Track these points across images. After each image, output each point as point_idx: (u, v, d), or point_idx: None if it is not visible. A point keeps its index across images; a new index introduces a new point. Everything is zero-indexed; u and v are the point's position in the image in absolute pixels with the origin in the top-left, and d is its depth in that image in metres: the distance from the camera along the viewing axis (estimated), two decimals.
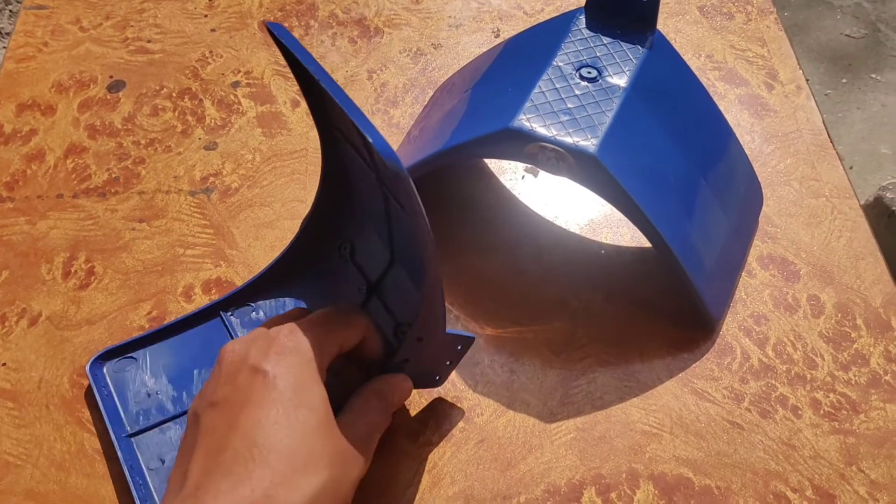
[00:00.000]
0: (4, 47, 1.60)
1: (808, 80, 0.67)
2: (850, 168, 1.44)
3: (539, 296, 0.54)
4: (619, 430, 0.48)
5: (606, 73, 0.48)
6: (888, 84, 1.53)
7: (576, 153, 0.45)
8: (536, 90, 0.47)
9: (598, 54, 0.49)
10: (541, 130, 0.45)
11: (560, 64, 0.49)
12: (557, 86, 0.48)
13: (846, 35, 1.57)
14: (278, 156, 0.61)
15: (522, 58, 0.52)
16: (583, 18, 0.51)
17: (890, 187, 1.11)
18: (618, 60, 0.49)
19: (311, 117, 0.61)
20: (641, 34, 0.50)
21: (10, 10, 1.62)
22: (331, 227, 0.49)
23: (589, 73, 0.48)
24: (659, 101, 0.49)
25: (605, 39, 0.50)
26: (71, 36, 0.68)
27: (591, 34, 0.50)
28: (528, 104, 0.47)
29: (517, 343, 0.51)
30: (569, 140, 0.45)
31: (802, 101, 0.64)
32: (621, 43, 0.50)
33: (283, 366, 0.39)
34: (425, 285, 0.40)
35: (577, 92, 0.47)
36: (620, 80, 0.48)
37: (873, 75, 1.54)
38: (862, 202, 0.59)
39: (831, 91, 1.48)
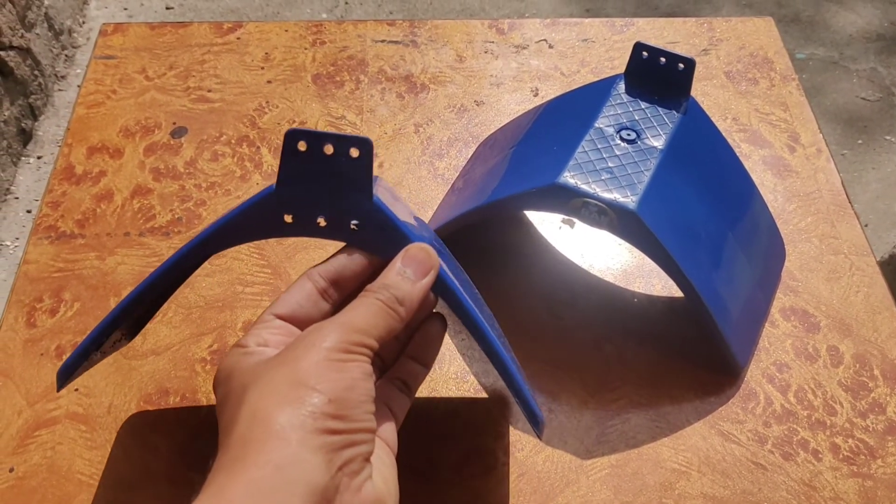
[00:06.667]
0: (61, 90, 1.67)
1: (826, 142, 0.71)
2: (866, 226, 1.48)
3: (575, 340, 0.57)
4: (650, 467, 0.52)
5: (645, 136, 0.53)
6: None
7: (617, 209, 0.49)
8: (580, 150, 0.51)
9: (636, 118, 0.53)
10: (584, 187, 0.49)
11: (602, 126, 0.53)
12: (599, 146, 0.52)
13: (862, 98, 1.62)
14: None
15: (565, 119, 0.56)
16: (622, 84, 0.56)
17: None
18: (655, 124, 0.53)
19: None
20: (677, 100, 0.55)
21: (66, 56, 1.69)
22: None
23: (629, 135, 0.52)
24: (692, 162, 0.53)
25: (644, 104, 0.54)
26: (137, 84, 0.73)
27: (631, 99, 0.55)
28: (572, 162, 0.51)
29: (555, 383, 0.55)
30: (610, 197, 0.49)
31: (822, 164, 0.68)
32: (658, 108, 0.54)
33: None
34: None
35: (617, 152, 0.52)
36: (657, 142, 0.52)
37: (888, 137, 1.58)
38: (877, 259, 0.63)
39: (847, 151, 1.52)
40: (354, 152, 0.39)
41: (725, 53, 0.77)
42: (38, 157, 1.58)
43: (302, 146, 0.39)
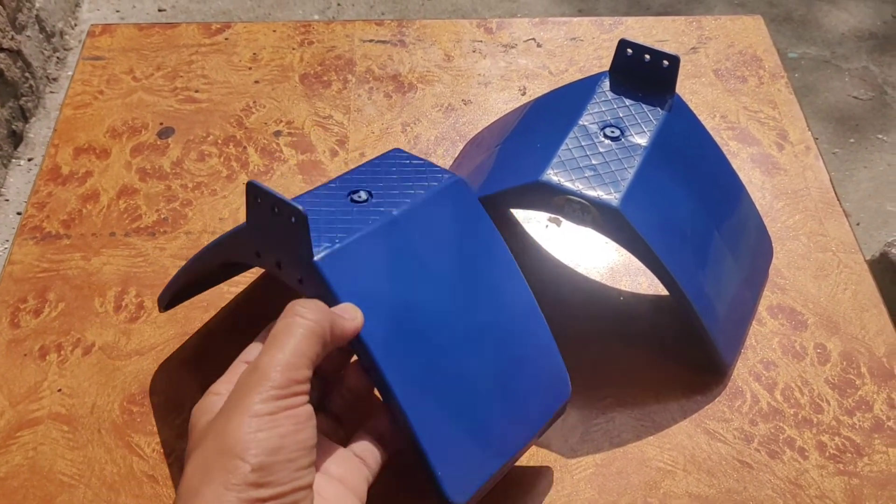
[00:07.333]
0: (52, 92, 1.67)
1: (816, 140, 0.71)
2: (858, 224, 1.47)
3: (561, 338, 0.57)
4: (635, 466, 0.51)
5: (629, 133, 0.52)
6: (894, 144, 1.58)
7: (600, 206, 0.48)
8: (564, 147, 0.51)
9: (621, 115, 0.53)
10: (567, 184, 0.49)
11: (586, 123, 0.53)
12: (583, 143, 0.52)
13: (854, 97, 1.62)
14: None
15: (550, 117, 0.56)
16: (607, 81, 0.55)
17: (895, 243, 1.14)
18: (639, 121, 0.53)
19: (347, 165, 0.65)
20: (661, 97, 0.54)
21: (58, 58, 1.68)
22: None
23: (612, 132, 0.52)
24: (677, 160, 0.53)
25: (628, 101, 0.54)
26: (125, 85, 0.73)
27: (615, 96, 0.54)
28: (555, 160, 0.51)
29: None
30: (593, 194, 0.49)
31: (811, 161, 0.68)
32: (643, 105, 0.54)
33: None
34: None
35: (601, 149, 0.51)
36: (642, 140, 0.52)
37: (880, 136, 1.58)
38: (868, 257, 0.63)
39: (839, 150, 1.52)
40: (291, 219, 0.40)
41: (714, 52, 0.77)
42: (29, 160, 1.58)
43: (259, 199, 0.41)
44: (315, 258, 0.41)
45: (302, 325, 0.38)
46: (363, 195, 0.46)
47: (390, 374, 0.42)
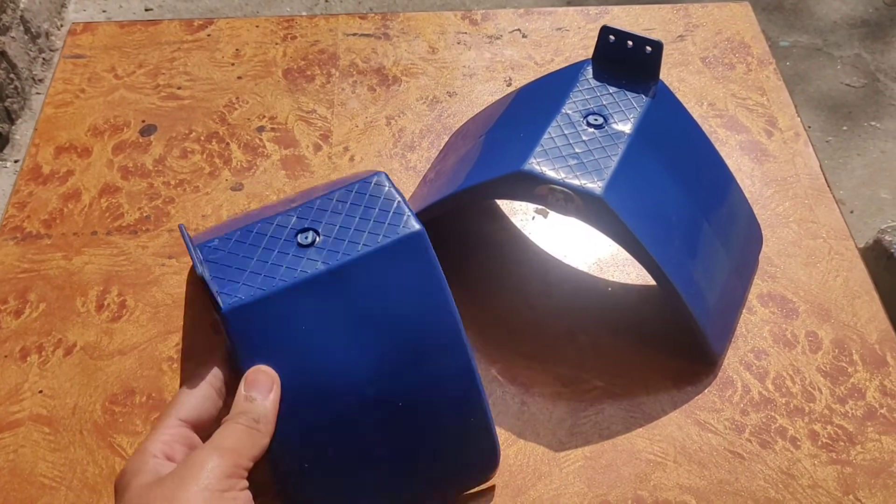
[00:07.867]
0: (38, 93, 1.65)
1: (809, 128, 0.70)
2: (851, 212, 1.47)
3: (549, 330, 0.56)
4: (625, 458, 0.51)
5: (612, 121, 0.52)
6: (887, 131, 1.57)
7: (583, 195, 0.48)
8: (546, 136, 0.51)
9: (604, 102, 0.53)
10: (550, 173, 0.49)
11: (569, 111, 0.52)
12: (566, 132, 0.51)
13: (846, 84, 1.61)
14: None
15: (533, 105, 0.56)
16: (590, 69, 0.55)
17: (889, 230, 1.13)
18: (623, 108, 0.52)
19: (331, 160, 0.64)
20: (645, 84, 0.54)
21: (44, 59, 1.67)
22: None
23: (595, 120, 0.52)
24: (662, 147, 0.52)
25: (611, 89, 0.53)
26: (106, 83, 0.72)
27: (598, 84, 0.54)
28: (538, 149, 0.50)
29: (528, 375, 0.54)
30: (576, 182, 0.48)
31: (800, 148, 0.67)
32: (626, 92, 0.53)
33: None
34: None
35: (584, 138, 0.51)
36: (625, 127, 0.51)
37: (873, 123, 1.57)
38: (862, 245, 0.62)
39: (832, 138, 1.51)
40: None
41: (702, 39, 0.76)
42: (15, 161, 1.57)
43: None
44: (224, 310, 0.41)
45: (240, 427, 0.41)
46: (310, 237, 0.45)
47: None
